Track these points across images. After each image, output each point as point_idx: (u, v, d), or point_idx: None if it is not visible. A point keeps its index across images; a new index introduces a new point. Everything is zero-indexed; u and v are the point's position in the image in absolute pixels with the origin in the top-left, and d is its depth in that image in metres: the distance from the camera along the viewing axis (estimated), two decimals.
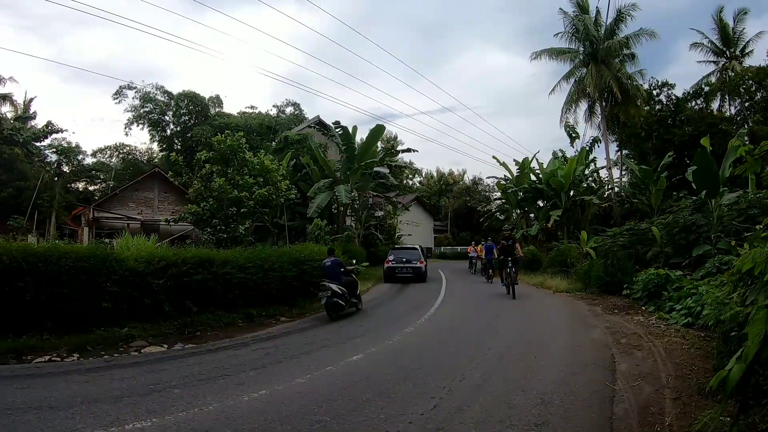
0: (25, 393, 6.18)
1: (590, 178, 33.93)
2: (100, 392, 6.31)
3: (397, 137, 73.11)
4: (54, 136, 42.50)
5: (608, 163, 37.61)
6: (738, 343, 5.00)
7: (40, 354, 8.30)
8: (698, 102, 38.16)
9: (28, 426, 5.04)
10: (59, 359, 8.21)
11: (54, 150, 43.04)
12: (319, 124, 38.23)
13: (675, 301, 11.58)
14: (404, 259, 25.71)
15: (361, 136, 33.20)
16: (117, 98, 48.77)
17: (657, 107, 37.96)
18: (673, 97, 37.92)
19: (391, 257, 26.30)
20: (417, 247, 28.87)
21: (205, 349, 9.33)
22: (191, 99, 47.23)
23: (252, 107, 57.78)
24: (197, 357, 8.67)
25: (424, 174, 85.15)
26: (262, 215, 21.00)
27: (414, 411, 5.44)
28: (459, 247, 62.17)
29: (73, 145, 48.06)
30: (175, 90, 48.70)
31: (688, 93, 38.31)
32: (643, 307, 12.95)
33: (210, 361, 8.33)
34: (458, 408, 5.57)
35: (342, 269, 13.94)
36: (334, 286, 13.15)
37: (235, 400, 6.00)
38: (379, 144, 37.53)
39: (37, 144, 40.44)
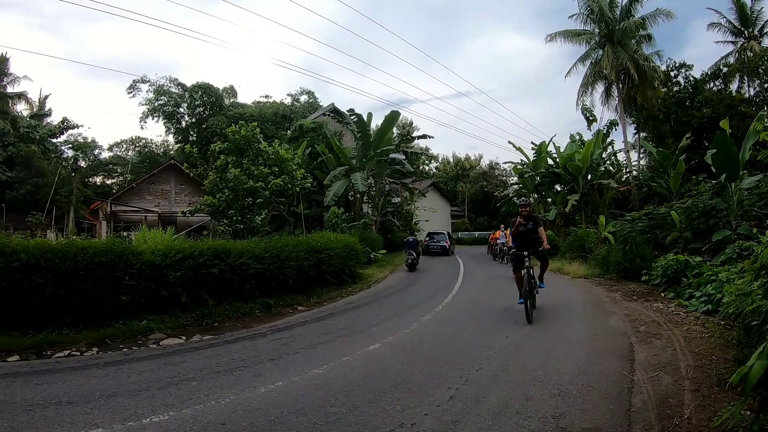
0: (44, 388, 6.22)
1: (608, 162, 33.48)
2: (118, 386, 6.36)
3: (412, 123, 72.98)
4: (70, 132, 43.32)
5: (626, 146, 37.23)
6: (759, 336, 4.93)
7: (59, 349, 8.36)
8: (717, 83, 37.67)
9: (47, 421, 5.08)
10: (78, 354, 8.27)
11: (70, 146, 43.72)
12: (334, 111, 38.20)
13: (695, 288, 11.42)
14: (435, 239, 37.36)
15: (376, 122, 33.27)
16: (131, 92, 49.22)
17: (675, 89, 37.40)
18: (691, 79, 37.28)
19: (427, 238, 37.73)
20: (444, 232, 40.44)
21: (223, 341, 9.38)
22: (205, 90, 47.40)
23: (266, 96, 57.99)
24: (215, 348, 8.71)
25: (440, 159, 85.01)
26: (278, 205, 21.06)
27: (430, 402, 5.43)
28: (477, 233, 62.01)
29: (89, 140, 49.02)
30: (189, 82, 48.94)
31: (707, 74, 37.80)
32: (663, 294, 12.80)
33: (227, 352, 8.38)
34: (475, 399, 5.55)
35: (417, 244, 25.42)
36: (414, 254, 24.03)
37: (252, 392, 6.02)
38: (394, 130, 37.53)
39: (54, 140, 41.11)
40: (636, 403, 5.23)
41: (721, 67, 37.73)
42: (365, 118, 31.31)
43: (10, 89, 39.88)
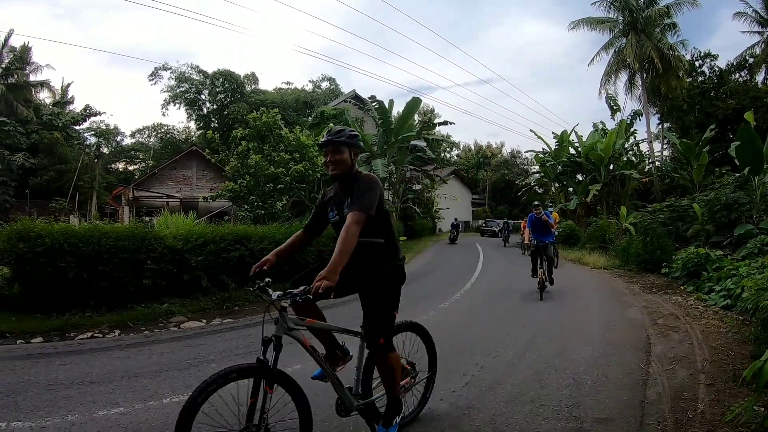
0: (67, 369, 6.37)
1: (630, 152, 33.20)
2: (139, 367, 6.49)
3: (434, 110, 72.50)
4: (92, 119, 43.83)
5: (649, 137, 36.80)
6: None
7: (82, 331, 8.50)
8: (742, 74, 37.05)
9: (69, 401, 5.20)
10: (101, 336, 8.41)
11: (93, 133, 44.15)
12: (355, 98, 38.17)
13: (714, 282, 11.28)
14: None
15: (397, 109, 33.21)
16: (153, 79, 49.75)
17: (699, 79, 36.90)
18: (716, 69, 36.79)
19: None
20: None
21: (243, 324, 9.48)
22: (226, 77, 47.63)
23: (288, 83, 58.23)
24: (235, 332, 8.84)
25: (461, 147, 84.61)
26: (299, 191, 21.19)
27: (446, 388, 5.45)
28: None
29: (112, 127, 49.46)
30: (210, 70, 49.17)
31: (732, 65, 37.14)
32: (682, 287, 12.70)
33: (247, 335, 8.48)
34: (490, 386, 5.59)
35: (459, 226, 36.29)
36: (456, 232, 35.29)
37: None
38: (415, 117, 37.43)
39: (76, 127, 41.47)
40: (650, 396, 5.22)
41: (747, 57, 36.95)
42: (386, 105, 31.34)
43: (32, 78, 40.27)
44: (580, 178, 33.46)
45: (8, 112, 35.14)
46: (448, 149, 77.66)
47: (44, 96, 44.57)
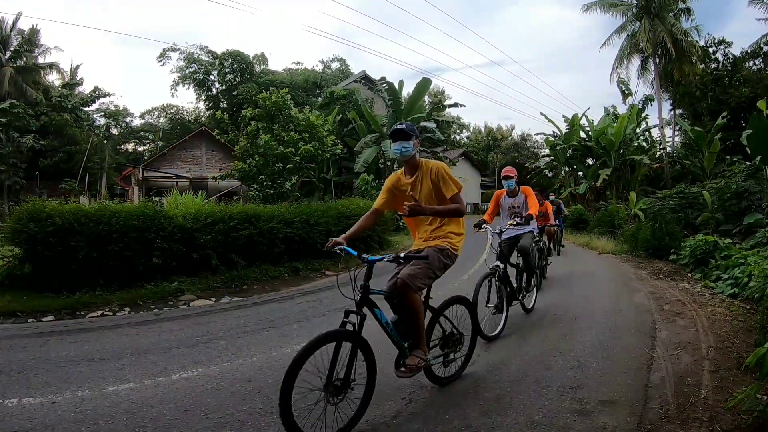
0: (77, 346, 6.47)
1: (641, 137, 32.97)
2: (149, 344, 6.59)
3: (444, 92, 71.97)
4: (101, 100, 44.17)
5: (660, 122, 36.35)
6: None
7: (92, 309, 8.62)
8: (756, 62, 36.58)
9: (80, 376, 5.29)
10: (111, 314, 8.53)
11: (102, 114, 44.37)
12: (365, 79, 38.05)
13: (722, 270, 11.17)
14: None
15: (407, 90, 33.11)
16: (161, 61, 49.46)
17: (713, 66, 36.53)
18: (730, 56, 36.37)
19: None
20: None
21: (251, 302, 9.61)
22: (235, 58, 47.42)
23: (298, 63, 57.76)
24: (243, 310, 8.95)
25: (471, 129, 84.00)
26: (308, 171, 21.24)
27: None
28: None
29: (121, 108, 49.53)
30: (220, 50, 49.05)
31: (746, 52, 36.59)
32: (689, 274, 12.64)
33: (255, 313, 8.60)
34: (495, 366, 5.64)
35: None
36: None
37: (278, 351, 6.19)
38: (426, 98, 37.31)
39: (86, 109, 41.73)
40: (654, 380, 5.24)
41: (762, 45, 36.43)
42: (396, 86, 31.28)
43: (41, 60, 40.48)
44: (590, 163, 33.29)
45: (18, 94, 35.30)
46: (458, 131, 77.27)
47: (53, 78, 44.96)
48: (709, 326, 7.47)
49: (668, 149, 34.39)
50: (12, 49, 37.85)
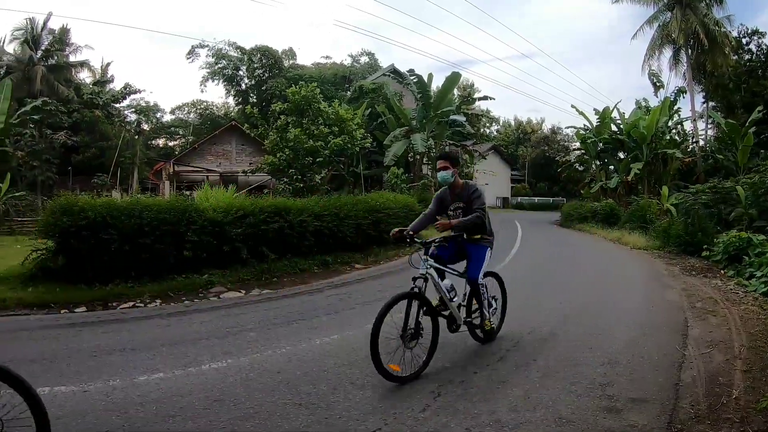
0: (110, 336, 6.60)
1: (674, 131, 32.31)
2: (179, 335, 6.68)
3: (473, 85, 71.36)
4: (132, 96, 44.81)
5: (693, 115, 35.62)
6: None
7: (124, 301, 8.75)
8: None
9: (112, 366, 5.38)
10: (142, 305, 8.65)
11: (133, 110, 45.12)
12: (394, 72, 38.03)
13: (756, 268, 10.84)
14: None
15: (436, 83, 32.97)
16: (190, 57, 50.19)
17: (746, 57, 35.59)
18: (764, 47, 35.31)
19: None
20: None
21: (281, 295, 9.66)
22: (264, 53, 47.78)
23: (327, 57, 58.14)
24: (273, 302, 9.01)
25: (501, 122, 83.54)
26: (338, 164, 21.34)
27: (481, 362, 5.52)
28: (536, 198, 61.10)
29: (151, 104, 50.36)
30: (248, 45, 49.40)
31: None
32: (722, 271, 12.33)
33: (285, 306, 8.65)
34: (524, 362, 5.59)
35: None
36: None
37: (308, 343, 6.23)
38: (455, 91, 37.11)
39: (117, 105, 42.56)
40: (685, 379, 5.14)
41: None
42: (426, 79, 31.14)
43: (72, 58, 41.28)
44: (622, 156, 32.63)
45: (50, 92, 35.91)
46: (487, 124, 77.02)
47: (84, 76, 45.83)
48: (742, 325, 7.29)
49: (701, 143, 33.82)
50: (43, 48, 38.59)
